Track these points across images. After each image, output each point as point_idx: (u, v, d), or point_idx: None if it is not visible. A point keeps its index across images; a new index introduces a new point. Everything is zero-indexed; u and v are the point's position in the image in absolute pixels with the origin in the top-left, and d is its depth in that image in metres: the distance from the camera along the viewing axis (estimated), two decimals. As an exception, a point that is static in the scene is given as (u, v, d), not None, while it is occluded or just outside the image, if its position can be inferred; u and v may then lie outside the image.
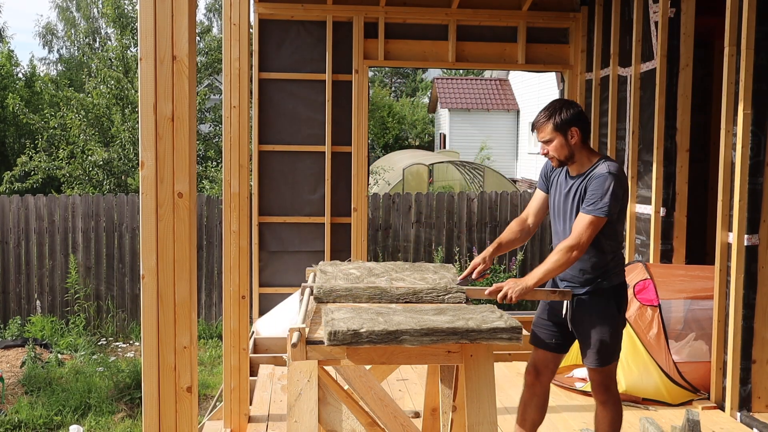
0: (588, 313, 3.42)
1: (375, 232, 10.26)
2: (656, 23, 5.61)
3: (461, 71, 31.76)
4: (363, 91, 6.89)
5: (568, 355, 5.11)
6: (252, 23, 6.72)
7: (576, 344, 3.62)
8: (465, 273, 3.43)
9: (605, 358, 3.44)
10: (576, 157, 3.40)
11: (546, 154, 3.43)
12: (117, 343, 9.45)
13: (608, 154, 6.35)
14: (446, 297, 3.13)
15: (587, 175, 3.37)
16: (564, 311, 3.49)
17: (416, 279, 3.28)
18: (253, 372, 5.73)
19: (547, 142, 3.40)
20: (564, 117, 3.36)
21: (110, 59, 14.17)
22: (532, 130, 3.50)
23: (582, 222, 3.29)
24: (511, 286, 3.29)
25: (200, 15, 30.27)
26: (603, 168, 3.33)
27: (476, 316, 2.72)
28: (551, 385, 3.73)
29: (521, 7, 6.94)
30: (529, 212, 3.66)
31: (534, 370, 3.63)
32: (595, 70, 6.65)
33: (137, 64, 7.36)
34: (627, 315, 4.93)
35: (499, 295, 3.29)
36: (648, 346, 4.85)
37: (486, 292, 3.30)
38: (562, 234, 3.47)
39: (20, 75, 18.97)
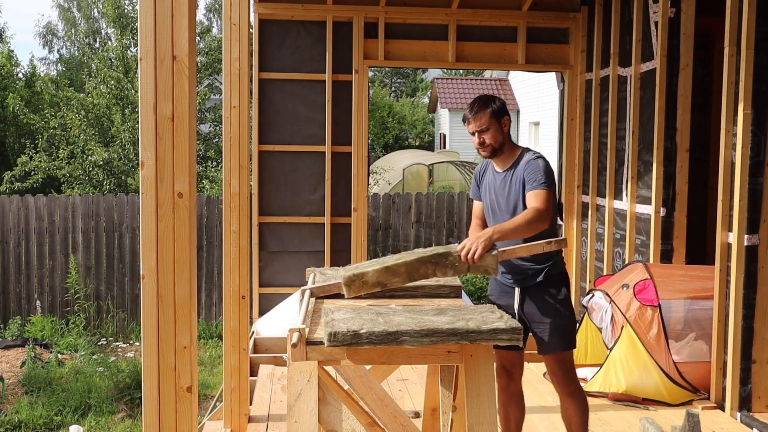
0: (544, 302, 3.47)
1: (375, 232, 10.26)
2: (656, 23, 5.61)
3: (461, 71, 31.76)
4: (363, 91, 6.89)
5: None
6: (252, 23, 6.72)
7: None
8: None
9: (570, 341, 3.51)
10: (505, 148, 3.50)
11: (482, 143, 3.47)
12: (117, 343, 9.45)
13: (608, 154, 6.36)
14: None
15: (517, 165, 3.46)
16: (516, 305, 3.51)
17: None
18: (253, 372, 5.73)
19: (483, 131, 3.45)
20: (498, 105, 3.48)
21: (110, 59, 14.18)
22: (464, 122, 3.53)
23: (538, 195, 3.33)
24: (474, 241, 3.11)
25: (200, 15, 30.29)
26: (530, 155, 3.46)
27: (476, 316, 2.71)
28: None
29: (521, 7, 6.94)
30: (480, 219, 3.68)
31: (505, 372, 3.65)
32: (595, 70, 6.65)
33: (137, 64, 7.36)
34: (627, 315, 4.95)
35: (463, 252, 3.09)
36: (648, 346, 4.85)
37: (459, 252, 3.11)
38: None
39: (20, 75, 18.99)
